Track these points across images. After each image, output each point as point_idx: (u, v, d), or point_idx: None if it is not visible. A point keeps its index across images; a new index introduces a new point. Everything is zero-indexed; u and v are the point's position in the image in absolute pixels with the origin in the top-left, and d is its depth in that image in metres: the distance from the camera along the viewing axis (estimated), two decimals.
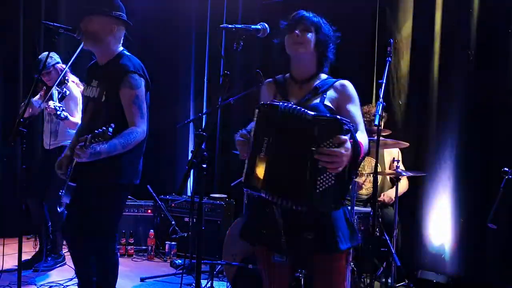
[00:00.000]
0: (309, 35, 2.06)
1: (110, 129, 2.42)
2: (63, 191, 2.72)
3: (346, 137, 1.77)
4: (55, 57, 4.06)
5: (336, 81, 2.10)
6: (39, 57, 4.09)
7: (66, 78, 3.97)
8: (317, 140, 1.78)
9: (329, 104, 2.03)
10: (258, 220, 2.04)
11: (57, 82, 3.77)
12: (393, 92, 4.27)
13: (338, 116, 1.81)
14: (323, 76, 2.14)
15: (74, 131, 3.18)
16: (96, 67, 2.86)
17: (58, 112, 3.60)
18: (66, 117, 3.74)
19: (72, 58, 3.25)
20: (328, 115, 1.87)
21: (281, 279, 2.09)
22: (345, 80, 2.12)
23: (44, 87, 4.14)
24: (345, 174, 1.83)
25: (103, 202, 2.71)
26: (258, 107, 1.90)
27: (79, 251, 2.80)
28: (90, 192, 2.70)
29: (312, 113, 1.82)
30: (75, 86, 4.09)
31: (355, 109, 2.06)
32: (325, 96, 2.05)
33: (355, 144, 1.81)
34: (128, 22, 2.80)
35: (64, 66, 4.06)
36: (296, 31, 2.05)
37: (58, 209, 2.93)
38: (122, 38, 2.82)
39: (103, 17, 2.69)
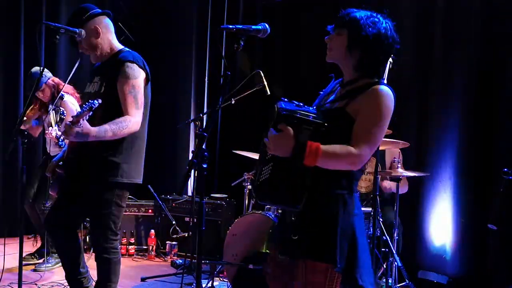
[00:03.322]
0: (339, 40, 1.89)
1: (96, 102, 2.41)
2: (51, 182, 2.73)
3: (287, 128, 1.75)
4: (47, 74, 4.00)
5: (373, 85, 1.85)
6: (32, 71, 4.02)
7: (61, 95, 3.87)
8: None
9: (350, 111, 1.83)
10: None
11: (55, 102, 3.74)
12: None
13: (296, 114, 1.77)
14: (364, 81, 1.89)
15: None
16: (99, 65, 2.90)
17: (60, 143, 3.53)
18: (63, 144, 3.68)
19: (70, 75, 3.26)
20: (283, 109, 1.79)
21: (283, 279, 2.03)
22: (384, 86, 1.85)
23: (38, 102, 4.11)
24: (284, 169, 1.80)
25: (103, 200, 2.71)
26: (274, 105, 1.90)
27: (63, 242, 2.82)
28: (89, 190, 2.71)
29: (282, 104, 1.81)
30: (71, 98, 4.02)
31: (370, 122, 1.81)
32: (352, 100, 1.85)
33: (298, 143, 1.74)
34: (105, 11, 2.83)
35: (55, 79, 4.03)
36: (326, 37, 1.93)
37: (46, 203, 2.93)
38: (111, 27, 2.82)
39: (83, 26, 2.72)
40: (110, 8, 3.76)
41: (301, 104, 1.88)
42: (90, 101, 2.43)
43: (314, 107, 1.96)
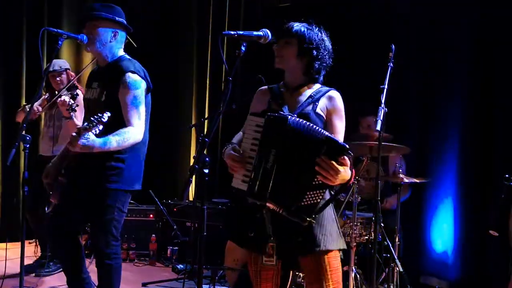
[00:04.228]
0: (289, 48, 2.11)
1: (106, 116, 2.43)
2: (54, 188, 2.73)
3: (347, 161, 1.89)
4: (67, 64, 4.15)
5: (328, 91, 2.15)
6: (52, 61, 4.08)
7: (76, 84, 3.98)
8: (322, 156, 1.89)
9: (321, 113, 2.10)
10: (247, 223, 2.08)
11: (66, 86, 3.79)
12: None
13: (347, 145, 1.89)
14: (316, 85, 2.17)
15: None
16: (97, 71, 2.91)
17: (71, 103, 3.49)
18: (72, 117, 3.65)
19: (84, 68, 3.28)
20: (339, 141, 1.94)
21: (268, 281, 2.16)
22: (335, 91, 2.17)
23: (47, 94, 4.14)
24: (331, 194, 2.02)
25: (105, 206, 2.72)
26: (266, 117, 1.93)
27: (64, 247, 2.82)
28: (91, 196, 2.72)
29: (325, 133, 1.90)
30: (81, 93, 4.09)
31: (339, 122, 2.13)
32: (317, 104, 2.11)
33: (352, 171, 1.93)
34: (129, 27, 2.87)
35: (73, 74, 4.14)
36: (275, 46, 2.14)
37: (46, 209, 2.93)
38: (124, 42, 2.87)
39: (107, 22, 2.75)
40: None
41: (294, 115, 2.00)
42: (99, 114, 2.43)
43: (295, 114, 2.06)
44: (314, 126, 1.92)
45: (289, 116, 1.93)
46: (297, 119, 1.94)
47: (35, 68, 4.89)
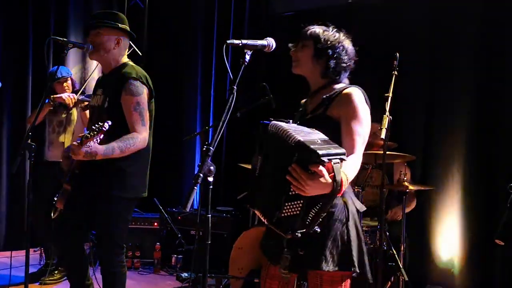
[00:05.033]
0: (305, 51, 2.08)
1: (106, 125, 2.44)
2: (58, 196, 2.74)
3: (324, 172, 1.71)
4: (71, 71, 4.21)
5: (343, 89, 2.02)
6: (56, 68, 4.12)
7: (84, 90, 4.00)
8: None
9: (332, 115, 1.99)
10: (268, 233, 2.08)
11: (81, 91, 3.85)
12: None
13: (322, 152, 1.68)
14: (338, 86, 2.07)
15: None
16: (101, 78, 2.93)
17: (84, 99, 3.46)
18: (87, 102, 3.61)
19: (90, 75, 3.32)
20: (312, 146, 1.71)
21: None
22: (351, 88, 2.02)
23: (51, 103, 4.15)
24: (315, 207, 1.78)
25: (109, 214, 2.72)
26: (258, 124, 1.94)
27: (69, 254, 2.83)
28: (95, 203, 2.72)
29: (298, 138, 1.73)
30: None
31: (355, 123, 1.94)
32: (329, 106, 2.01)
33: (335, 182, 1.72)
34: (132, 33, 2.90)
35: (76, 81, 4.18)
36: (292, 50, 2.12)
37: (52, 215, 2.94)
38: (127, 48, 2.91)
39: (110, 30, 2.78)
40: None
41: (289, 121, 1.95)
42: (99, 123, 2.45)
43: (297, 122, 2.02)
44: (289, 131, 1.77)
45: (272, 122, 1.89)
46: (279, 124, 1.85)
47: (41, 77, 4.91)
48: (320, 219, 1.80)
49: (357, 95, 1.99)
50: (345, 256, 1.91)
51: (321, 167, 1.70)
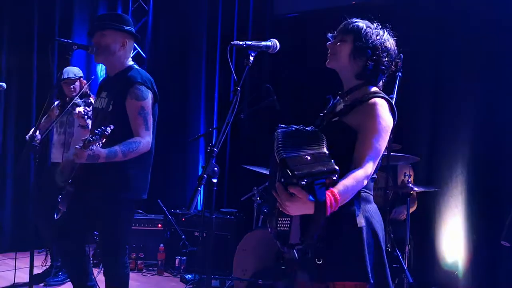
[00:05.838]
0: (344, 45, 1.90)
1: (108, 129, 2.44)
2: (61, 197, 2.74)
3: (301, 193, 1.62)
4: (81, 72, 4.18)
5: (371, 98, 1.85)
6: (65, 69, 4.12)
7: (89, 92, 4.00)
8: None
9: (350, 123, 1.84)
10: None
11: (79, 94, 3.82)
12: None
13: (301, 172, 1.58)
14: (372, 89, 1.91)
15: None
16: (106, 80, 2.94)
17: (86, 111, 3.51)
18: (88, 125, 3.67)
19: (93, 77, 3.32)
20: (292, 166, 1.61)
21: None
22: (377, 98, 1.85)
23: (58, 101, 4.16)
24: (306, 222, 1.68)
25: (112, 215, 2.73)
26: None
27: (71, 256, 2.83)
28: (98, 205, 2.73)
29: (283, 156, 1.65)
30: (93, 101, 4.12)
31: (370, 136, 1.79)
32: (350, 112, 1.85)
33: (318, 204, 1.61)
34: (137, 35, 2.91)
35: (86, 82, 4.17)
36: (328, 43, 1.96)
37: (55, 216, 2.94)
38: (132, 51, 2.91)
39: (115, 32, 2.79)
40: None
41: (301, 126, 1.87)
42: (102, 127, 2.45)
43: (312, 126, 1.92)
44: (280, 145, 1.71)
45: (277, 130, 1.83)
46: (279, 133, 1.79)
47: (46, 79, 4.93)
48: (316, 235, 1.70)
49: (382, 106, 1.83)
50: (357, 266, 1.79)
51: (299, 189, 1.62)
